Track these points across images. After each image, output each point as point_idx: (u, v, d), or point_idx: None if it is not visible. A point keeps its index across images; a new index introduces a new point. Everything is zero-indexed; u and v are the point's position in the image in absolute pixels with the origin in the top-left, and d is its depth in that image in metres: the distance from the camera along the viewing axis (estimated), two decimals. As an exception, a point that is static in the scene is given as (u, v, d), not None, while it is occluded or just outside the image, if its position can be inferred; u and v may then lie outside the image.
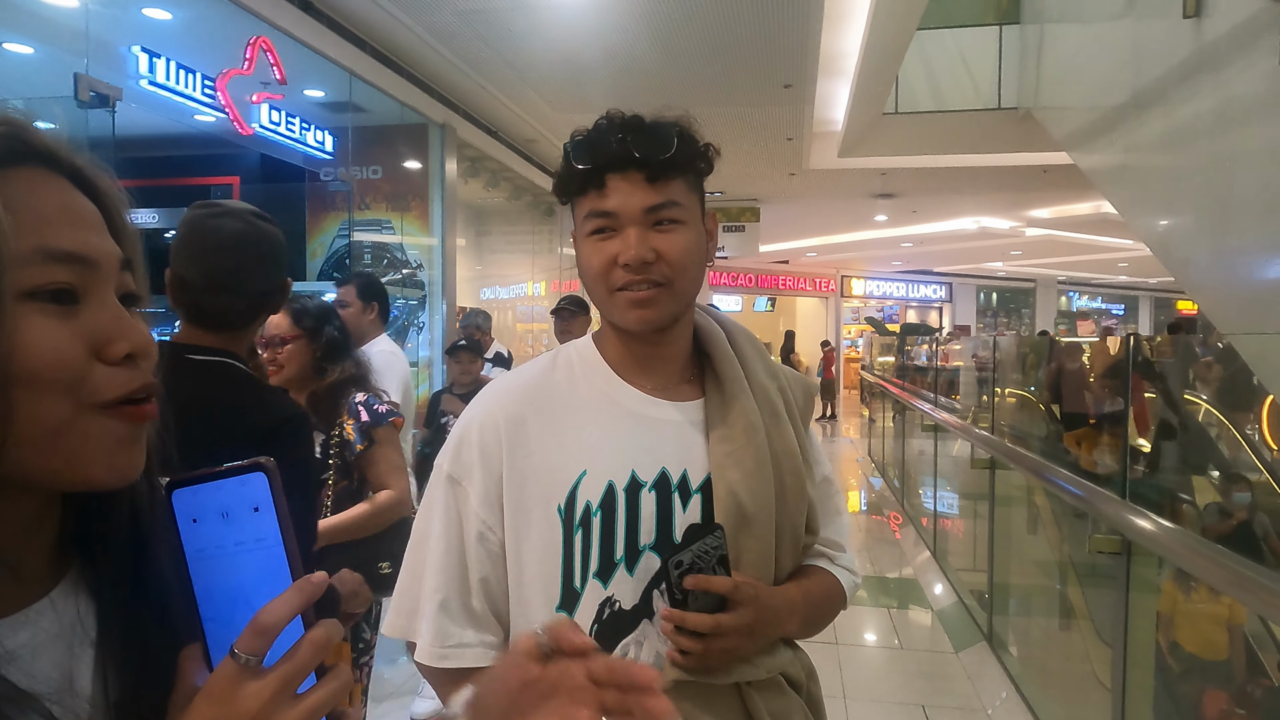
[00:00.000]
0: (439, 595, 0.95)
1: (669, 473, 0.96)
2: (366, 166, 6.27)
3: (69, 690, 0.51)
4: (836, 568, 1.09)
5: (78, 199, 0.52)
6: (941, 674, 3.65)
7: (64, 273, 0.48)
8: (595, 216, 0.94)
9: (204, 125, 4.98)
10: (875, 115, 7.58)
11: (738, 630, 0.90)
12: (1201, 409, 3.42)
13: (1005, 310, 23.93)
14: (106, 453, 0.50)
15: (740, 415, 0.98)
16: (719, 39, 5.55)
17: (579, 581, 0.93)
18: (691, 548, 0.90)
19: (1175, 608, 2.75)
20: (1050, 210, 12.64)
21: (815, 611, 1.03)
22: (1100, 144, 5.17)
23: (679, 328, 1.00)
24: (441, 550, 0.96)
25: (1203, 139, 3.61)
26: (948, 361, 6.84)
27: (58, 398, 0.47)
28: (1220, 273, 3.57)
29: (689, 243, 0.95)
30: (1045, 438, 4.21)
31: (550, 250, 10.42)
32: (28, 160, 0.50)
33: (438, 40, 5.54)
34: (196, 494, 0.51)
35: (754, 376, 1.03)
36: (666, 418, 0.99)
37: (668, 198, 0.93)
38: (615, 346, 1.02)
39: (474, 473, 0.96)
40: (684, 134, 0.94)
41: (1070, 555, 3.75)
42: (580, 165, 0.93)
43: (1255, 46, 3.06)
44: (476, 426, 0.98)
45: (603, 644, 0.93)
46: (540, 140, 8.12)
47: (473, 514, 0.95)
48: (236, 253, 1.36)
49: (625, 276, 0.93)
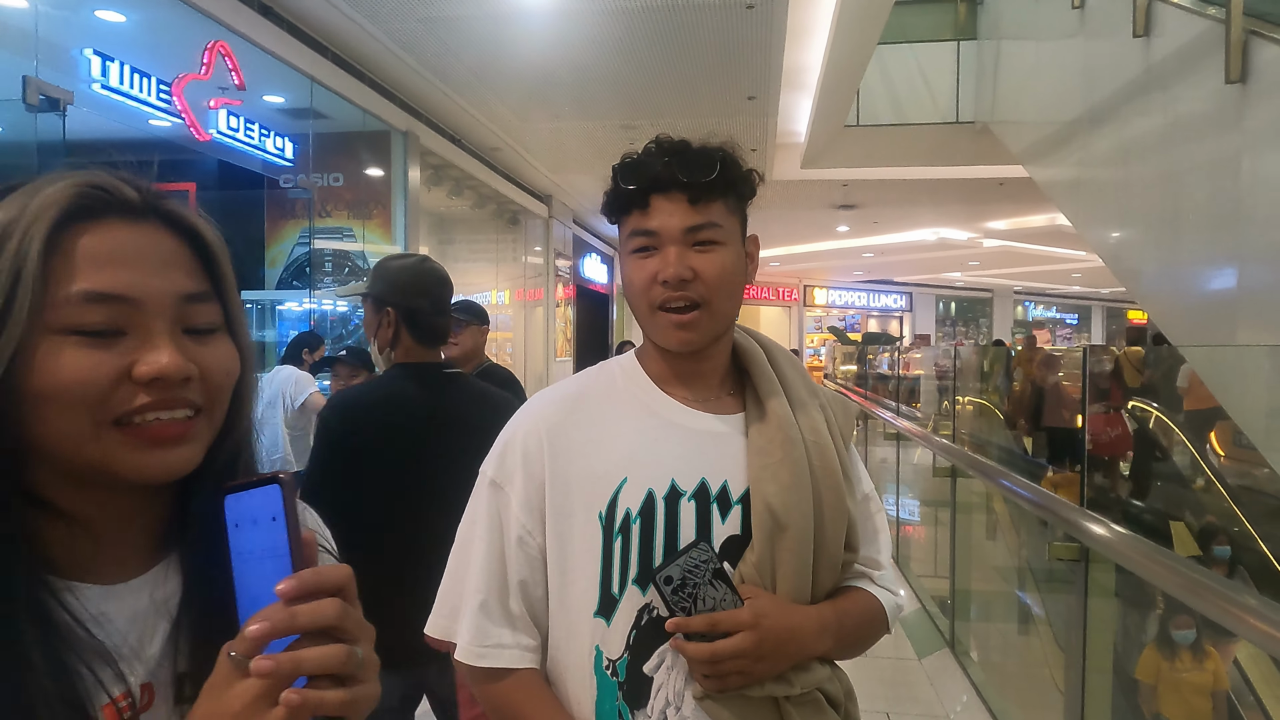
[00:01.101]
0: (479, 596, 0.98)
1: (709, 483, 0.98)
2: (327, 173, 6.18)
3: (139, 656, 0.60)
4: (878, 588, 1.08)
5: (145, 242, 0.60)
6: (905, 681, 3.68)
7: (102, 311, 0.57)
8: (639, 235, 0.98)
9: (159, 130, 4.87)
10: (837, 128, 7.69)
11: (739, 654, 0.90)
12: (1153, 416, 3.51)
13: (964, 320, 24.38)
14: (128, 458, 0.57)
15: (777, 430, 0.99)
16: (684, 51, 5.59)
17: (617, 588, 0.95)
18: (678, 562, 0.90)
19: (1159, 676, 2.69)
20: (1007, 222, 12.94)
21: (852, 633, 1.03)
22: (1054, 158, 5.30)
23: (718, 345, 1.03)
24: (483, 553, 0.99)
25: (1152, 154, 3.72)
26: (909, 370, 6.94)
27: (77, 413, 0.56)
28: (1169, 283, 3.67)
29: (727, 263, 0.98)
30: (1004, 445, 4.29)
31: (514, 259, 10.37)
32: (109, 214, 0.59)
33: (400, 47, 5.49)
34: (239, 500, 0.56)
35: (793, 393, 1.04)
36: (707, 429, 1.01)
37: (708, 219, 0.97)
38: (656, 361, 1.05)
39: (516, 478, 0.99)
40: (727, 159, 0.98)
41: (1029, 561, 3.82)
42: (627, 186, 0.98)
43: (1201, 66, 3.17)
44: (521, 434, 1.01)
45: (640, 649, 0.94)
46: (504, 149, 8.09)
47: (514, 518, 0.98)
48: (447, 285, 1.93)
49: (665, 293, 0.96)
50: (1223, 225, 3.07)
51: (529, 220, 10.32)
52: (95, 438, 0.57)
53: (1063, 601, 2.98)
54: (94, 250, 0.57)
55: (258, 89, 5.06)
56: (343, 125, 6.03)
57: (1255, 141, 2.86)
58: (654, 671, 0.94)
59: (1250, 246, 2.91)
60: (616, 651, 0.94)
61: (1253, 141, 2.87)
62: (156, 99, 4.20)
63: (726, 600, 0.91)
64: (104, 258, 0.58)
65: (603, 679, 0.95)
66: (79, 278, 0.56)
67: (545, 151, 8.41)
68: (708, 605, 0.91)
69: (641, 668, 0.94)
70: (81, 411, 0.56)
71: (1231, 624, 1.57)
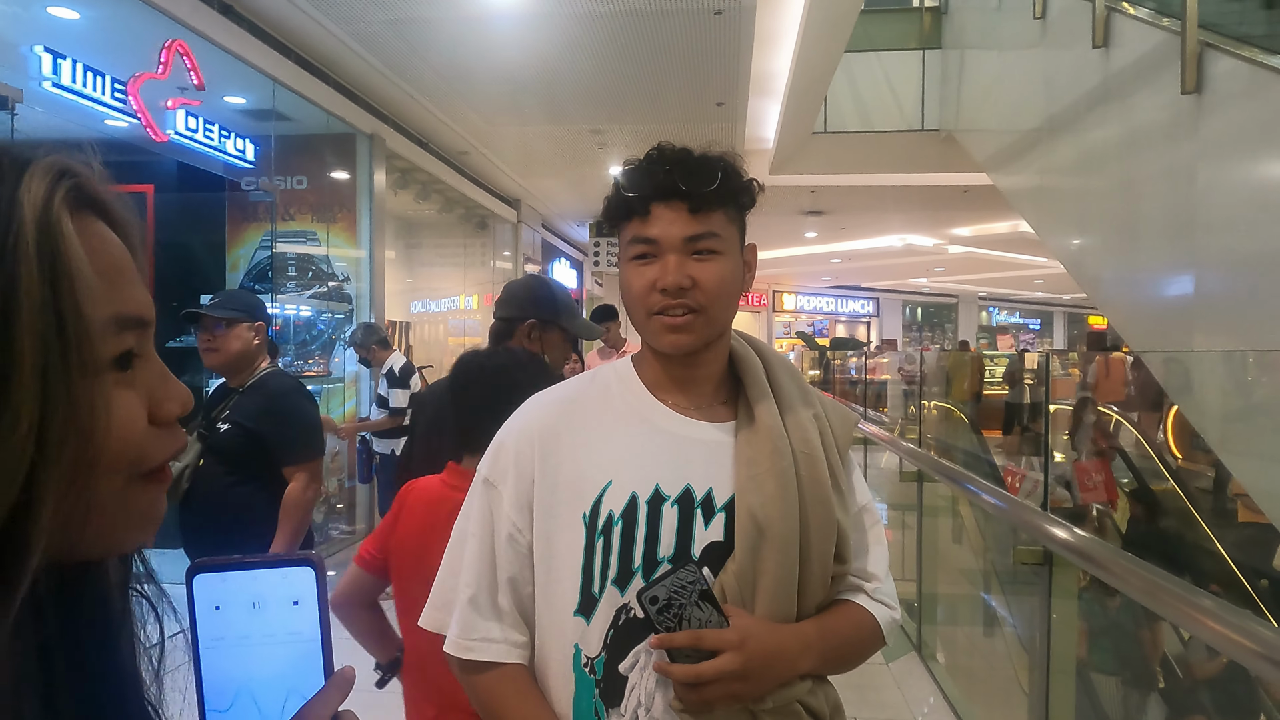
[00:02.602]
0: (469, 590, 1.01)
1: (693, 489, 0.98)
2: (291, 176, 6.07)
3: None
4: (872, 602, 1.08)
5: (123, 249, 0.47)
6: (872, 685, 3.70)
7: (131, 339, 0.45)
8: (638, 242, 0.99)
9: (115, 130, 4.75)
10: (805, 134, 7.75)
11: (724, 676, 0.90)
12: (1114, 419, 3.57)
13: (930, 325, 24.73)
14: (141, 521, 0.47)
15: (766, 439, 0.99)
16: (652, 56, 5.59)
17: (597, 587, 0.97)
18: (665, 582, 0.91)
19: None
20: (971, 228, 13.14)
21: (838, 649, 1.03)
22: (1017, 166, 5.39)
23: (713, 352, 1.04)
24: (475, 549, 1.02)
25: (1111, 163, 3.79)
26: (876, 375, 7.00)
27: (120, 472, 0.44)
28: (1128, 290, 3.74)
29: (725, 272, 0.98)
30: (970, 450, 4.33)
31: (483, 264, 10.30)
32: (88, 209, 0.46)
33: (366, 49, 5.42)
34: (225, 580, 0.49)
35: (787, 403, 1.04)
36: (697, 436, 1.02)
37: (708, 228, 0.97)
38: (651, 367, 1.06)
39: (508, 477, 1.02)
40: (728, 169, 0.99)
41: (995, 564, 3.86)
42: (629, 193, 0.99)
43: (1158, 77, 3.23)
44: (514, 435, 1.04)
45: (616, 649, 0.96)
46: (472, 152, 8.02)
47: (505, 516, 1.01)
48: None
49: (662, 301, 0.97)
50: (1179, 233, 3.13)
51: (497, 225, 10.25)
52: (122, 497, 0.46)
53: (1027, 604, 3.02)
54: (105, 265, 0.45)
55: (218, 89, 4.95)
56: (306, 127, 5.93)
57: (1210, 151, 2.92)
58: (629, 671, 0.95)
59: (1205, 253, 2.97)
60: (594, 650, 0.97)
61: (1207, 151, 2.93)
62: (111, 98, 4.10)
63: (712, 621, 0.91)
64: (114, 273, 0.46)
65: (581, 676, 0.97)
66: (107, 299, 0.45)
67: (514, 156, 8.37)
68: (693, 626, 0.91)
69: (617, 667, 0.95)
70: (123, 469, 0.45)
71: (1189, 625, 1.59)
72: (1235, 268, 2.83)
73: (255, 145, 5.36)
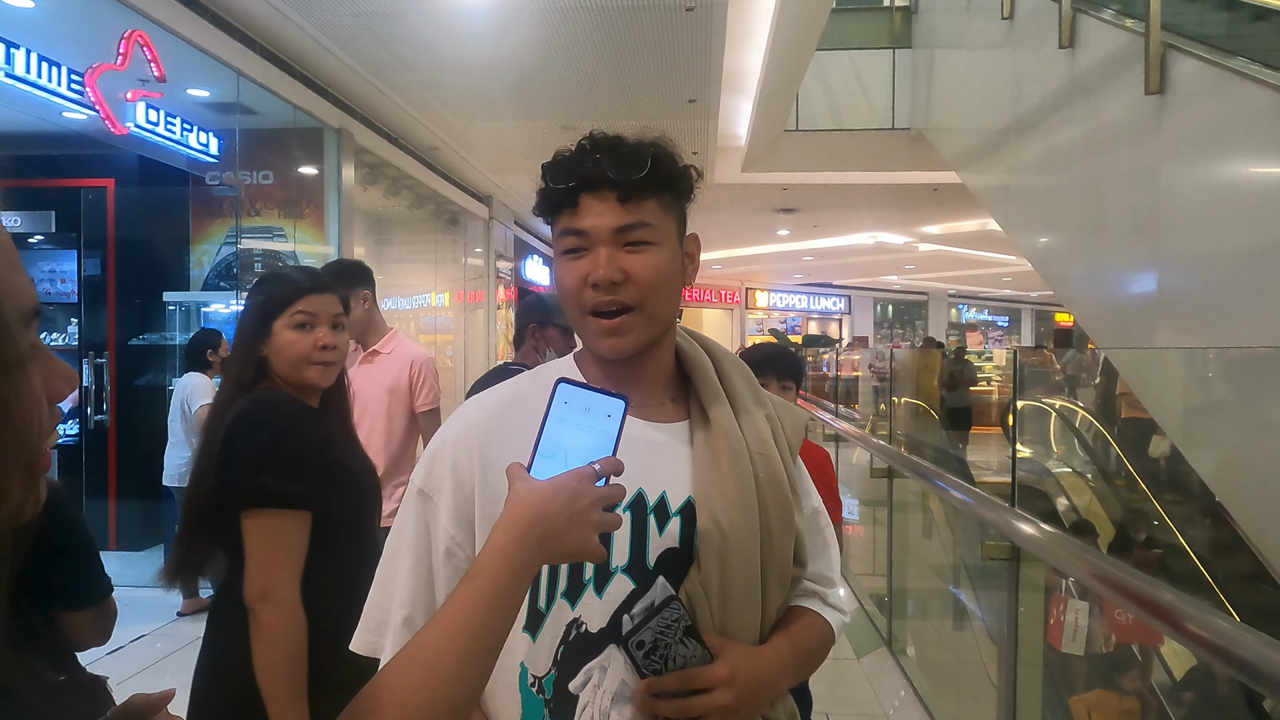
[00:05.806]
0: (404, 610, 0.93)
1: (645, 494, 0.93)
2: (256, 171, 5.95)
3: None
4: (826, 608, 1.07)
5: (7, 235, 0.49)
6: (843, 681, 3.72)
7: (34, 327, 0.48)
8: (568, 235, 0.93)
9: (73, 123, 4.62)
10: (777, 132, 7.78)
11: (716, 712, 0.88)
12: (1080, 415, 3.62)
13: (900, 322, 24.97)
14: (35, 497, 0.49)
15: (723, 441, 0.95)
16: (624, 52, 5.56)
17: (544, 602, 0.91)
18: (650, 625, 0.87)
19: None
20: (941, 226, 13.28)
21: (806, 664, 1.04)
22: (985, 164, 5.45)
23: (657, 350, 0.99)
24: (411, 566, 0.94)
25: (1076, 162, 3.84)
26: (847, 371, 7.05)
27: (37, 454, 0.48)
28: (1094, 288, 3.80)
29: (660, 264, 0.93)
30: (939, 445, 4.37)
31: (454, 261, 10.20)
32: None
33: (333, 42, 5.33)
34: (574, 390, 0.81)
35: (739, 403, 1.01)
36: (646, 438, 0.97)
37: (639, 218, 0.92)
38: (594, 366, 1.01)
39: (445, 488, 0.94)
40: (660, 155, 0.93)
41: (964, 559, 3.90)
42: (556, 184, 0.93)
43: (1122, 77, 3.28)
44: (450, 443, 0.96)
45: (567, 666, 0.90)
46: (443, 148, 7.94)
47: (442, 529, 0.93)
48: None
49: (595, 296, 0.91)
50: (1142, 232, 3.18)
51: (469, 221, 10.16)
52: None
53: (996, 598, 3.05)
54: None
55: (180, 82, 4.84)
56: (272, 121, 5.82)
57: (1173, 150, 2.97)
58: (580, 690, 0.90)
59: (1167, 252, 3.02)
60: (543, 668, 0.91)
61: (1170, 151, 2.98)
62: (68, 89, 3.99)
63: (697, 656, 0.89)
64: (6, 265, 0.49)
65: (528, 697, 0.91)
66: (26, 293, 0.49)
67: (485, 152, 8.29)
68: (678, 664, 0.88)
69: (568, 685, 0.90)
70: None
71: (1150, 619, 1.61)
72: (1197, 265, 2.88)
73: (219, 139, 5.26)
